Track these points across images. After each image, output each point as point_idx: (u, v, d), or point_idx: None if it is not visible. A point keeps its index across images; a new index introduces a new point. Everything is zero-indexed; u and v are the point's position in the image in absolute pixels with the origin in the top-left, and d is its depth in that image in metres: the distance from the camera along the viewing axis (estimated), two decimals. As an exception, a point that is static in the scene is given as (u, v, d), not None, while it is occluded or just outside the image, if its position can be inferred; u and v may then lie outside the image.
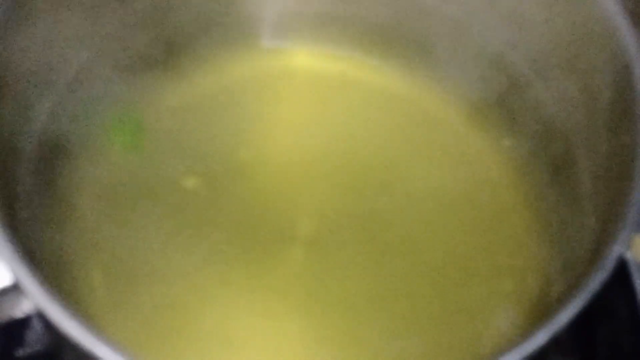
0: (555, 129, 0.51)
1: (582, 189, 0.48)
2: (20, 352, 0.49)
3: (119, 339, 0.42)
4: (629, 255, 0.49)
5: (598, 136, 0.48)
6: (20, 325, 0.49)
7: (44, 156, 0.48)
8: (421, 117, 0.53)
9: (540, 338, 0.35)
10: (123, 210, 0.48)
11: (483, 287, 0.47)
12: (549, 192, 0.50)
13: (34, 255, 0.45)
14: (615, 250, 0.38)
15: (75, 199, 0.48)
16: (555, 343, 0.36)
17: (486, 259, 0.48)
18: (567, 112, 0.50)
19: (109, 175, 0.49)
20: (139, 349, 0.44)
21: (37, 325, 0.49)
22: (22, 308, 0.39)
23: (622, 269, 0.50)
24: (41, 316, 0.38)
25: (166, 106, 0.52)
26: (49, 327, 0.39)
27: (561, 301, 0.37)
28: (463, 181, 0.51)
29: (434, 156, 0.52)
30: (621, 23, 0.45)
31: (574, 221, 0.47)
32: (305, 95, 0.54)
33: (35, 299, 0.35)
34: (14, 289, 0.37)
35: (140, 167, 0.50)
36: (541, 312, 0.44)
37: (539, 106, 0.52)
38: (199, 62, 0.54)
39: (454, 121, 0.53)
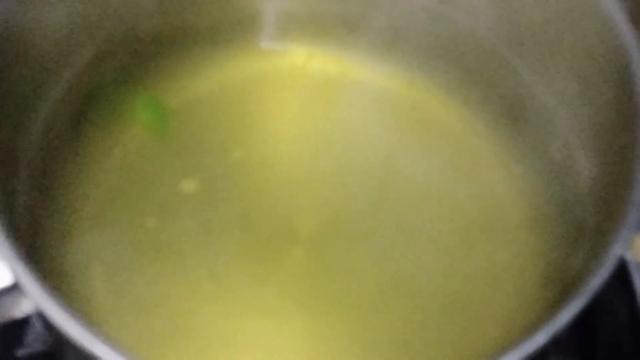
0: (556, 128, 0.51)
1: (582, 189, 0.48)
2: (20, 352, 0.49)
3: (119, 339, 0.42)
4: (629, 255, 0.49)
5: (598, 136, 0.48)
6: (20, 325, 0.49)
7: (44, 155, 0.48)
8: (421, 117, 0.53)
9: (540, 338, 0.35)
10: (123, 211, 0.48)
11: (483, 287, 0.47)
12: (549, 191, 0.50)
13: (34, 255, 0.45)
14: (615, 250, 0.38)
15: (75, 199, 0.48)
16: (555, 343, 0.36)
17: (486, 259, 0.48)
18: (567, 111, 0.51)
19: (109, 175, 0.49)
20: (139, 349, 0.44)
21: (37, 325, 0.49)
22: (22, 308, 0.39)
23: (622, 269, 0.50)
24: (41, 316, 0.38)
25: (166, 107, 0.52)
26: (49, 327, 0.39)
27: (561, 301, 0.37)
28: (463, 181, 0.51)
29: (433, 156, 0.52)
30: (621, 23, 0.45)
31: (574, 221, 0.47)
32: (305, 96, 0.54)
33: (35, 299, 0.35)
34: (14, 289, 0.37)
35: (141, 167, 0.50)
36: (541, 312, 0.44)
37: (539, 106, 0.52)
38: (199, 62, 0.54)
39: (454, 121, 0.53)
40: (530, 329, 0.35)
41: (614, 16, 0.45)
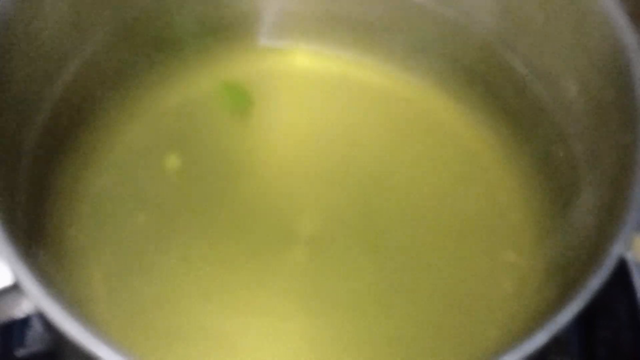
0: (555, 129, 0.51)
1: (582, 189, 0.48)
2: (21, 352, 0.49)
3: (119, 339, 0.42)
4: (629, 255, 0.49)
5: (598, 136, 0.48)
6: (20, 325, 0.49)
7: (44, 154, 0.48)
8: (421, 117, 0.53)
9: (540, 338, 0.35)
10: (122, 211, 0.48)
11: (483, 287, 0.47)
12: (548, 191, 0.50)
13: (34, 255, 0.45)
14: (615, 250, 0.38)
15: (75, 198, 0.48)
16: (555, 343, 0.36)
17: (486, 259, 0.48)
18: (567, 112, 0.51)
19: (108, 176, 0.49)
20: (138, 349, 0.44)
21: (37, 325, 0.49)
22: (22, 308, 0.39)
23: (622, 269, 0.50)
24: (41, 316, 0.38)
25: (166, 106, 0.52)
26: (49, 327, 0.38)
27: (561, 301, 0.37)
28: (462, 180, 0.51)
29: (433, 156, 0.52)
30: (620, 23, 0.45)
31: (574, 221, 0.47)
32: (305, 95, 0.54)
33: (35, 299, 0.35)
34: (14, 289, 0.37)
35: (140, 167, 0.50)
36: (541, 312, 0.44)
37: (538, 107, 0.52)
38: (198, 61, 0.54)
39: (453, 121, 0.53)
40: (530, 329, 0.35)
41: (614, 17, 0.45)
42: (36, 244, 0.45)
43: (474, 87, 0.53)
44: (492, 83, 0.53)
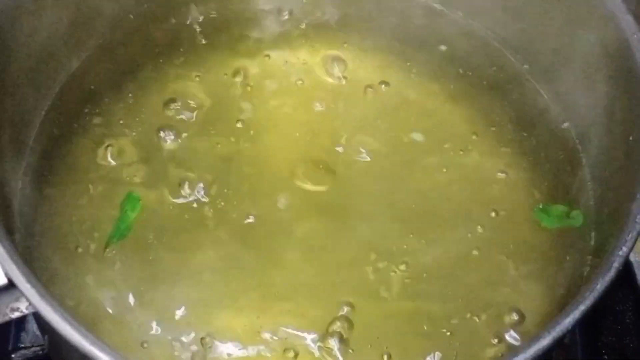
0: (560, 129, 0.51)
1: (586, 192, 0.48)
2: (17, 353, 0.49)
3: (115, 340, 0.42)
4: (634, 258, 0.49)
5: (602, 136, 0.47)
6: (17, 326, 0.49)
7: (41, 156, 0.48)
8: (422, 117, 0.53)
9: (545, 340, 0.35)
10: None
11: (485, 289, 0.47)
12: (552, 193, 0.49)
13: (30, 256, 0.45)
14: (621, 253, 0.38)
15: (72, 199, 0.48)
16: (560, 346, 0.36)
17: (488, 260, 0.48)
18: (572, 111, 0.50)
19: (106, 175, 0.49)
20: (135, 349, 0.44)
21: (33, 326, 0.49)
22: (18, 308, 0.39)
23: (627, 271, 0.50)
24: (37, 316, 0.38)
25: (166, 106, 0.52)
26: (45, 327, 0.38)
27: (566, 303, 0.37)
28: (463, 181, 0.50)
29: (435, 156, 0.51)
30: (626, 24, 0.45)
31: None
32: (305, 95, 0.54)
33: (31, 300, 0.35)
34: (11, 289, 0.37)
35: (139, 166, 0.50)
36: (546, 315, 0.44)
37: (543, 106, 0.52)
38: (199, 62, 0.54)
39: (457, 121, 0.53)
40: (535, 332, 0.35)
41: (619, 17, 0.45)
42: (32, 244, 0.45)
43: (477, 86, 0.53)
44: (495, 83, 0.53)
